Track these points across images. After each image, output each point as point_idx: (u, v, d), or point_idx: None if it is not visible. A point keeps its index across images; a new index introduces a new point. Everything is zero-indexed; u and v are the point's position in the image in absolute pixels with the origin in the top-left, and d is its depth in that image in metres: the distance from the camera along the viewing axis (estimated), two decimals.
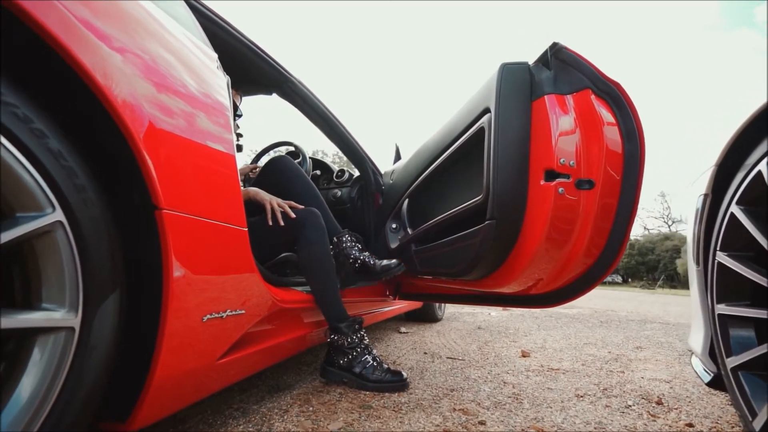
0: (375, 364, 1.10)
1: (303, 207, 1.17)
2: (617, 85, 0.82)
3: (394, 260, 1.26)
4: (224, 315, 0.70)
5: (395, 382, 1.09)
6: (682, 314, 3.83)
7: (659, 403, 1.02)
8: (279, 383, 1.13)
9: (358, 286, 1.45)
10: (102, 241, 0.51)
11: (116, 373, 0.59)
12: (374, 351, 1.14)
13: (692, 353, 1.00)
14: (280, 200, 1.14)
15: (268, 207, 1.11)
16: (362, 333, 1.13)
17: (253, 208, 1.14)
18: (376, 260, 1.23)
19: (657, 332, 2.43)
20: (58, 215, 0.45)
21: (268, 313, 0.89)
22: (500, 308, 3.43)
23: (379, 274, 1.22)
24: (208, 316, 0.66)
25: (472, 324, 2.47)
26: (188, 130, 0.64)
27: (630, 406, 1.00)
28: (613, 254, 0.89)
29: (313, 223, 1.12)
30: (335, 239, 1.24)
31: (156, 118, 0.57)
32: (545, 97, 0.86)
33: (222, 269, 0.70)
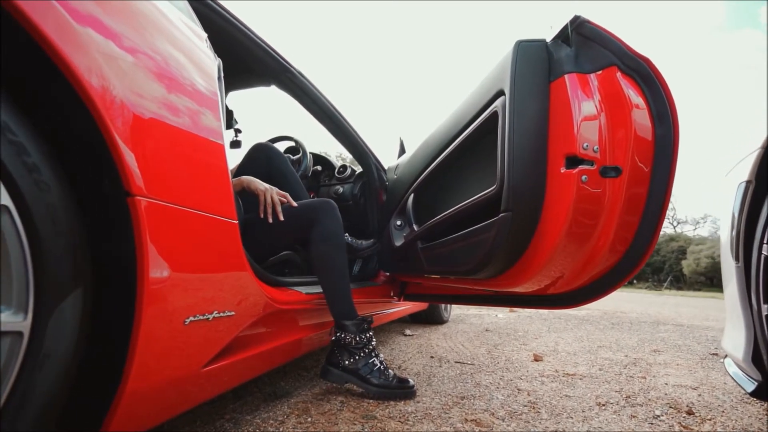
0: (382, 368, 1.02)
1: (297, 204, 1.08)
2: (647, 60, 0.74)
3: (371, 240, 1.36)
4: (210, 317, 0.63)
5: (402, 389, 1.01)
6: (694, 316, 3.72)
7: (690, 413, 0.93)
8: (276, 390, 1.06)
9: (362, 286, 1.38)
10: (60, 231, 0.44)
11: (88, 383, 0.52)
12: (381, 355, 1.07)
13: (726, 357, 0.91)
14: (276, 192, 1.06)
15: (262, 198, 1.03)
16: (370, 334, 1.05)
17: (250, 200, 1.07)
18: (356, 240, 1.31)
19: (672, 334, 2.33)
20: (2, 198, 0.38)
21: (262, 315, 0.81)
22: (507, 309, 3.34)
23: (359, 252, 1.31)
24: (192, 318, 0.59)
25: (479, 326, 2.39)
26: (167, 109, 0.57)
27: (658, 416, 0.91)
28: (641, 251, 0.81)
29: (332, 213, 1.05)
30: None
31: (128, 91, 0.50)
32: (565, 76, 0.78)
33: (208, 265, 0.63)
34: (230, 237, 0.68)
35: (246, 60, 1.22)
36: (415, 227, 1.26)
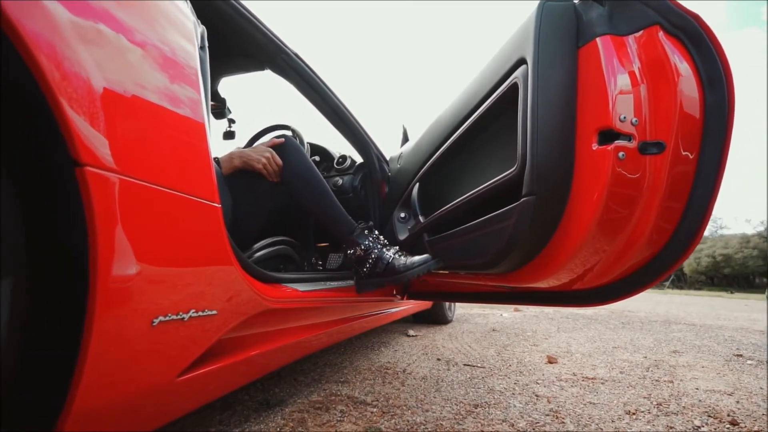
0: (397, 255, 1.02)
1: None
2: (696, 17, 0.64)
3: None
4: (186, 317, 0.53)
5: (426, 262, 0.99)
6: (705, 315, 3.62)
7: (734, 423, 0.83)
8: (269, 398, 0.96)
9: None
10: None
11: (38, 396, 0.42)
12: (395, 247, 1.07)
13: None
14: (268, 152, 1.02)
15: (264, 172, 1.00)
16: (375, 234, 1.06)
17: (244, 185, 0.99)
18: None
19: (687, 334, 2.23)
20: None
21: (251, 315, 0.71)
22: (512, 308, 3.24)
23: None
24: (162, 318, 0.49)
25: (485, 326, 2.29)
26: (128, 67, 0.47)
27: (699, 427, 0.81)
28: (683, 244, 0.70)
29: (294, 149, 1.06)
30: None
31: (78, 39, 0.40)
32: (597, 39, 0.68)
33: (183, 255, 0.53)
34: (211, 223, 0.58)
35: (238, 40, 1.12)
36: (420, 219, 1.16)
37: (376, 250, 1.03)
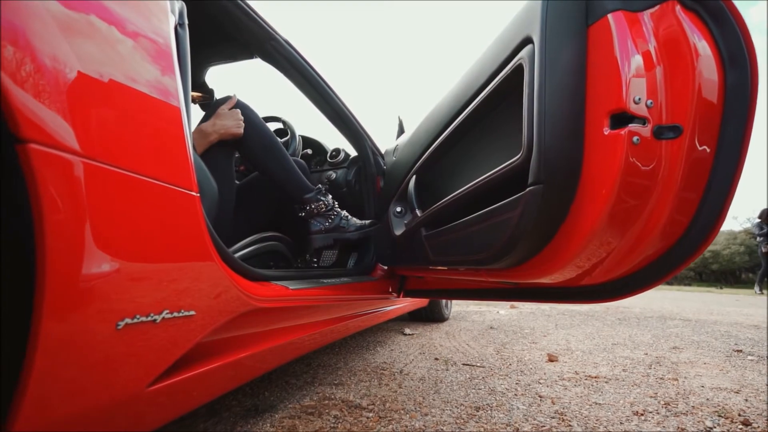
0: (350, 215, 1.19)
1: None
2: None
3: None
4: (158, 318, 0.47)
5: (377, 224, 1.18)
6: (698, 310, 3.64)
7: (746, 423, 0.80)
8: (258, 403, 0.90)
9: (357, 281, 1.23)
10: None
11: None
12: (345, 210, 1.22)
13: None
14: (238, 112, 1.04)
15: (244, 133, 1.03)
16: (330, 196, 1.18)
17: (219, 161, 0.95)
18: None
19: (684, 330, 2.22)
20: None
21: (236, 315, 0.65)
22: (508, 305, 3.22)
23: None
24: (128, 320, 0.43)
25: (482, 323, 2.25)
26: (88, 39, 0.41)
27: (711, 428, 0.78)
28: (700, 237, 0.66)
29: (245, 104, 1.08)
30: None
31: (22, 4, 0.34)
32: (609, 16, 0.63)
33: (153, 250, 0.47)
34: (187, 213, 0.52)
35: (225, 25, 1.05)
36: (418, 213, 1.11)
37: (336, 210, 1.16)
